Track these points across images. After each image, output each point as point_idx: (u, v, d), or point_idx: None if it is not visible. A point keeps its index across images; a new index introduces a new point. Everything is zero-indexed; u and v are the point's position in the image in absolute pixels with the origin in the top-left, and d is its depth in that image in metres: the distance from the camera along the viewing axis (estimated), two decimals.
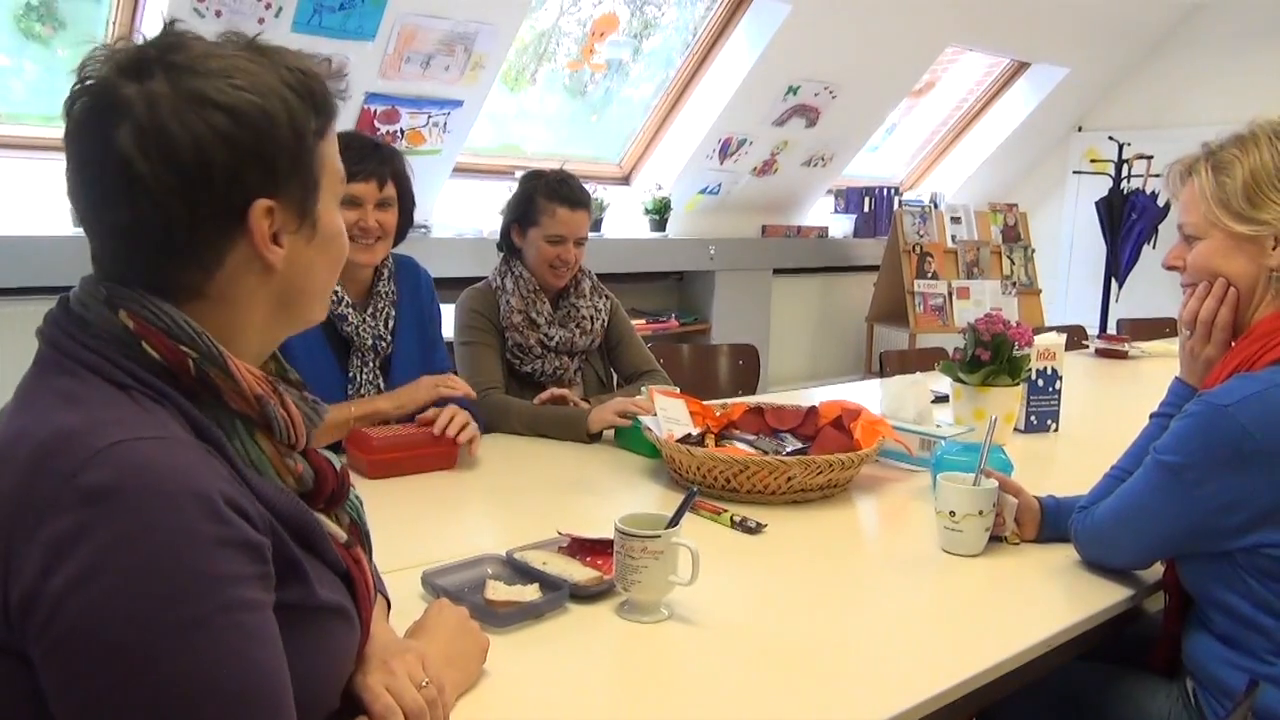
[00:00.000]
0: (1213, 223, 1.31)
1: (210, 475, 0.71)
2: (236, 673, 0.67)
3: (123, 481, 0.66)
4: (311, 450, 0.87)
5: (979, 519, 1.43)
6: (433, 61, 3.68)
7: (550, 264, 2.26)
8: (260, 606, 0.70)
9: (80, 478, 0.66)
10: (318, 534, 0.82)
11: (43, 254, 3.12)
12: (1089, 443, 2.20)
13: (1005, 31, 5.20)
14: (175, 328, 0.77)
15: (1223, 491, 1.20)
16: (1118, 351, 3.43)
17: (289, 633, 0.73)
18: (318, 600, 0.79)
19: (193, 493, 0.68)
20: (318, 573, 0.81)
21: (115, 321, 0.76)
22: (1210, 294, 1.35)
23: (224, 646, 0.67)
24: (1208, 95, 5.54)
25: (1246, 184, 1.27)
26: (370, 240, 1.92)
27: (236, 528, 0.69)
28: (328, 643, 0.82)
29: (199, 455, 0.72)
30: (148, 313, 0.77)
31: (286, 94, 0.79)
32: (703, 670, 1.11)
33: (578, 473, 1.90)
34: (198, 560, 0.66)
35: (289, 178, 0.80)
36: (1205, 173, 1.32)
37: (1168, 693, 1.35)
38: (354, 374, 1.97)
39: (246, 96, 0.76)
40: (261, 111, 0.77)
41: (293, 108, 0.79)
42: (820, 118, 5.04)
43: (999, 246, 5.48)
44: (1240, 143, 1.30)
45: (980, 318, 2.11)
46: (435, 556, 1.32)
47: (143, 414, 0.73)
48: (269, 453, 0.80)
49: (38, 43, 3.38)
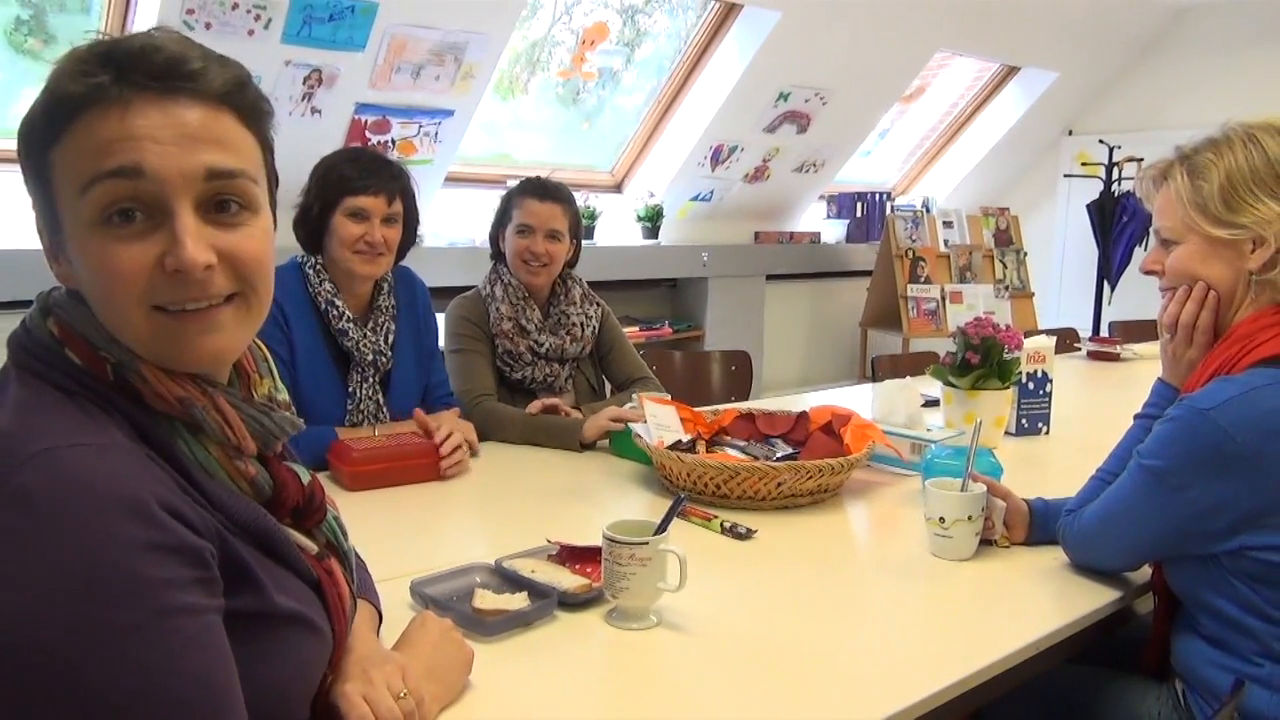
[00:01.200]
0: (1190, 227, 1.31)
1: (145, 480, 0.69)
2: (173, 678, 0.65)
3: (48, 487, 0.65)
4: (274, 460, 0.86)
5: (968, 524, 1.43)
6: (423, 71, 3.69)
7: (521, 257, 2.23)
8: (200, 611, 0.69)
9: (8, 484, 0.65)
10: (278, 540, 0.81)
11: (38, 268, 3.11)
12: (1081, 445, 2.20)
13: (995, 36, 5.23)
14: (92, 333, 0.76)
15: (1206, 495, 1.19)
16: (1110, 354, 3.44)
17: (244, 640, 0.72)
18: (276, 608, 0.78)
19: (120, 497, 0.66)
20: (277, 580, 0.79)
21: (45, 329, 0.77)
22: (1190, 298, 1.35)
23: (158, 653, 0.65)
24: (1197, 98, 5.57)
25: (1223, 187, 1.26)
26: (374, 254, 1.92)
27: (172, 531, 0.68)
28: (289, 652, 0.80)
29: (134, 461, 0.71)
30: (70, 318, 0.77)
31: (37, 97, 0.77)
32: (692, 676, 1.12)
33: (568, 480, 1.90)
34: (126, 564, 0.65)
35: (31, 188, 0.78)
36: (1180, 177, 1.31)
37: (1157, 694, 1.35)
38: (354, 389, 1.96)
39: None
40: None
41: (32, 109, 0.76)
42: (811, 124, 5.06)
43: (991, 250, 5.50)
44: (1214, 146, 1.29)
45: (970, 321, 2.12)
46: (424, 566, 1.32)
47: (83, 420, 0.72)
48: (216, 455, 0.78)
49: (28, 57, 3.38)
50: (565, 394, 2.33)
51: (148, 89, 0.73)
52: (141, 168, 0.72)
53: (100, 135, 0.72)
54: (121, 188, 0.73)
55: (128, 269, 0.73)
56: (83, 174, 0.73)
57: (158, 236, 0.74)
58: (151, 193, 0.73)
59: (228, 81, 0.77)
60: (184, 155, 0.74)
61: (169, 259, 0.74)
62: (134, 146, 0.72)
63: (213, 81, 0.76)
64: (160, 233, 0.74)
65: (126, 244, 0.73)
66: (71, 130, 0.73)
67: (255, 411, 0.82)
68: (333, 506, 0.93)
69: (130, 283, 0.74)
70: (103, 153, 0.72)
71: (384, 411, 2.00)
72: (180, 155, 0.74)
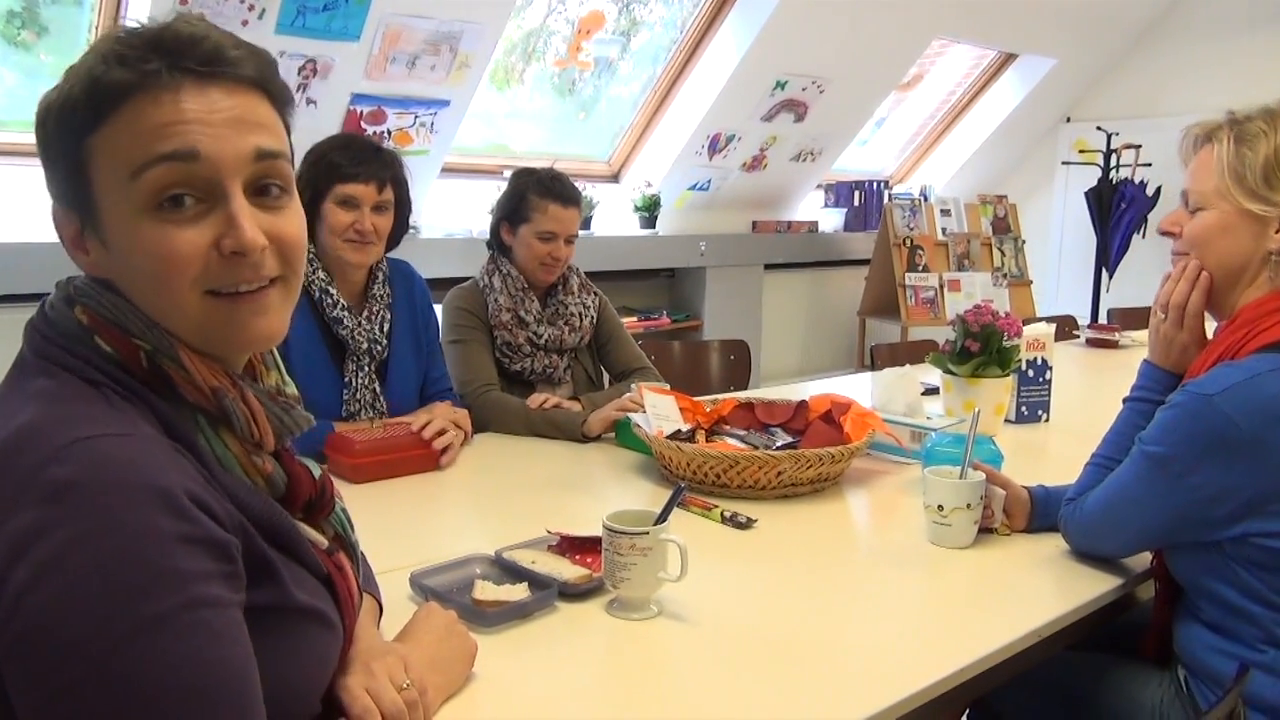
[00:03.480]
0: (1222, 195, 1.27)
1: (174, 472, 0.70)
2: (200, 670, 0.66)
3: (83, 478, 0.65)
4: (287, 455, 0.86)
5: (967, 512, 1.43)
6: (419, 61, 3.67)
7: (541, 261, 2.25)
8: (225, 604, 0.69)
9: (42, 474, 0.65)
10: (293, 535, 0.81)
11: (28, 260, 3.11)
12: (1081, 433, 2.19)
13: (992, 23, 5.21)
14: (127, 320, 0.76)
15: (1209, 482, 1.19)
16: (1108, 341, 3.44)
17: (263, 634, 0.72)
18: (293, 602, 0.78)
19: (154, 489, 0.67)
20: (294, 575, 0.80)
21: (72, 317, 0.76)
22: (1183, 277, 1.33)
23: (186, 643, 0.65)
24: (1195, 84, 5.55)
25: (1268, 160, 1.23)
26: (363, 243, 1.91)
27: (200, 524, 0.68)
28: (305, 646, 0.81)
29: (164, 452, 0.71)
30: (101, 306, 0.76)
31: (65, 83, 0.76)
32: (693, 666, 1.11)
33: (568, 471, 1.90)
34: (159, 556, 0.65)
35: (56, 174, 0.78)
36: (1227, 141, 1.27)
37: (1159, 681, 1.35)
38: (349, 378, 1.96)
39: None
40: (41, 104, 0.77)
41: (67, 95, 0.75)
42: (808, 112, 5.04)
43: (989, 238, 5.49)
44: (1270, 117, 1.25)
45: (969, 309, 2.11)
46: (424, 557, 1.32)
47: (111, 411, 0.72)
48: (235, 450, 0.79)
49: (21, 49, 3.36)
50: (563, 385, 2.33)
51: (194, 74, 0.74)
52: (197, 151, 0.73)
53: (152, 120, 0.73)
54: (176, 171, 0.73)
55: (184, 252, 0.74)
56: (134, 159, 0.73)
57: (211, 220, 0.75)
58: (205, 176, 0.74)
59: (260, 67, 0.79)
60: (235, 137, 0.75)
61: (227, 241, 0.75)
62: (187, 130, 0.73)
63: (249, 67, 0.78)
64: (213, 216, 0.75)
65: (181, 228, 0.74)
66: (118, 116, 0.73)
67: (277, 408, 0.83)
68: (339, 499, 0.94)
69: (187, 266, 0.74)
70: (156, 137, 0.73)
71: (380, 401, 1.99)
72: (232, 137, 0.75)
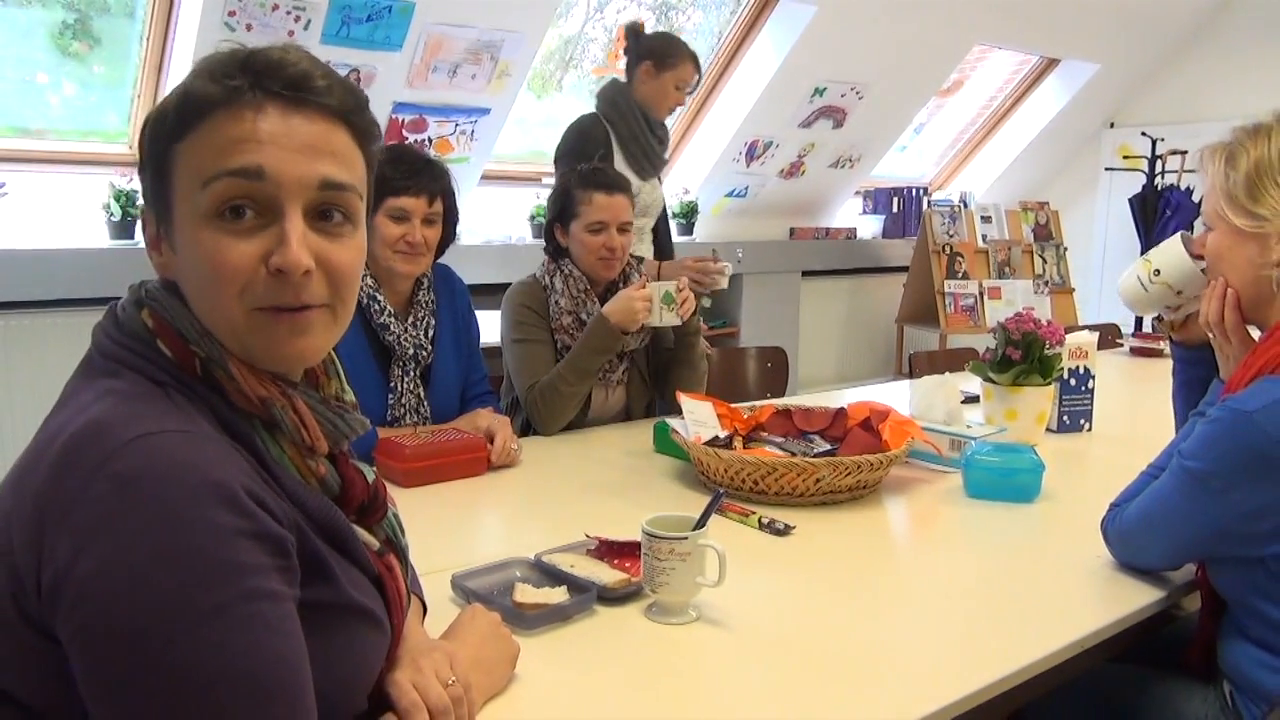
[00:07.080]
0: (1219, 214, 1.27)
1: (233, 468, 0.72)
2: (255, 661, 0.68)
3: (146, 472, 0.68)
4: (343, 459, 0.88)
5: (1169, 292, 1.48)
6: (459, 70, 3.71)
7: (598, 255, 2.21)
8: (280, 598, 0.71)
9: (107, 468, 0.68)
10: (347, 534, 0.83)
11: (81, 266, 3.19)
12: (1123, 442, 2.18)
13: (1033, 28, 5.16)
14: (184, 327, 0.79)
15: (1249, 499, 1.17)
16: (1153, 350, 3.39)
17: (315, 631, 0.74)
18: (346, 600, 0.80)
19: (213, 484, 0.69)
20: (347, 574, 0.82)
21: (139, 320, 0.80)
22: (1214, 294, 1.32)
23: (243, 635, 0.67)
24: (1242, 88, 5.45)
25: (1249, 175, 1.22)
26: (414, 254, 1.94)
27: (257, 519, 0.71)
28: (355, 644, 0.82)
29: (223, 449, 0.74)
30: (166, 311, 0.80)
31: (168, 95, 0.80)
32: (731, 671, 1.12)
33: (606, 476, 1.91)
34: (217, 549, 0.68)
35: (145, 178, 0.82)
36: (1219, 161, 1.27)
37: (1204, 696, 1.33)
38: (395, 383, 1.98)
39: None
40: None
41: (164, 105, 0.80)
42: (847, 119, 5.02)
43: (1030, 245, 5.42)
44: (1254, 133, 1.24)
45: (1010, 317, 2.09)
46: (465, 560, 1.33)
47: (173, 409, 0.75)
48: (289, 453, 0.81)
49: (74, 60, 3.45)
50: (618, 387, 2.33)
51: (278, 97, 0.77)
52: (263, 170, 0.76)
53: (228, 134, 0.76)
54: (240, 186, 0.76)
55: (233, 261, 0.77)
56: (206, 169, 0.76)
57: (265, 235, 0.77)
58: (267, 194, 0.77)
59: (347, 100, 0.81)
60: (304, 163, 0.78)
61: (274, 257, 0.77)
62: (258, 149, 0.76)
63: (335, 98, 0.80)
64: (268, 232, 0.78)
65: (235, 238, 0.77)
66: (201, 127, 0.77)
67: (331, 413, 0.85)
68: (392, 504, 0.96)
69: (234, 275, 0.77)
70: (229, 151, 0.76)
71: (424, 405, 2.02)
72: (300, 162, 0.78)
